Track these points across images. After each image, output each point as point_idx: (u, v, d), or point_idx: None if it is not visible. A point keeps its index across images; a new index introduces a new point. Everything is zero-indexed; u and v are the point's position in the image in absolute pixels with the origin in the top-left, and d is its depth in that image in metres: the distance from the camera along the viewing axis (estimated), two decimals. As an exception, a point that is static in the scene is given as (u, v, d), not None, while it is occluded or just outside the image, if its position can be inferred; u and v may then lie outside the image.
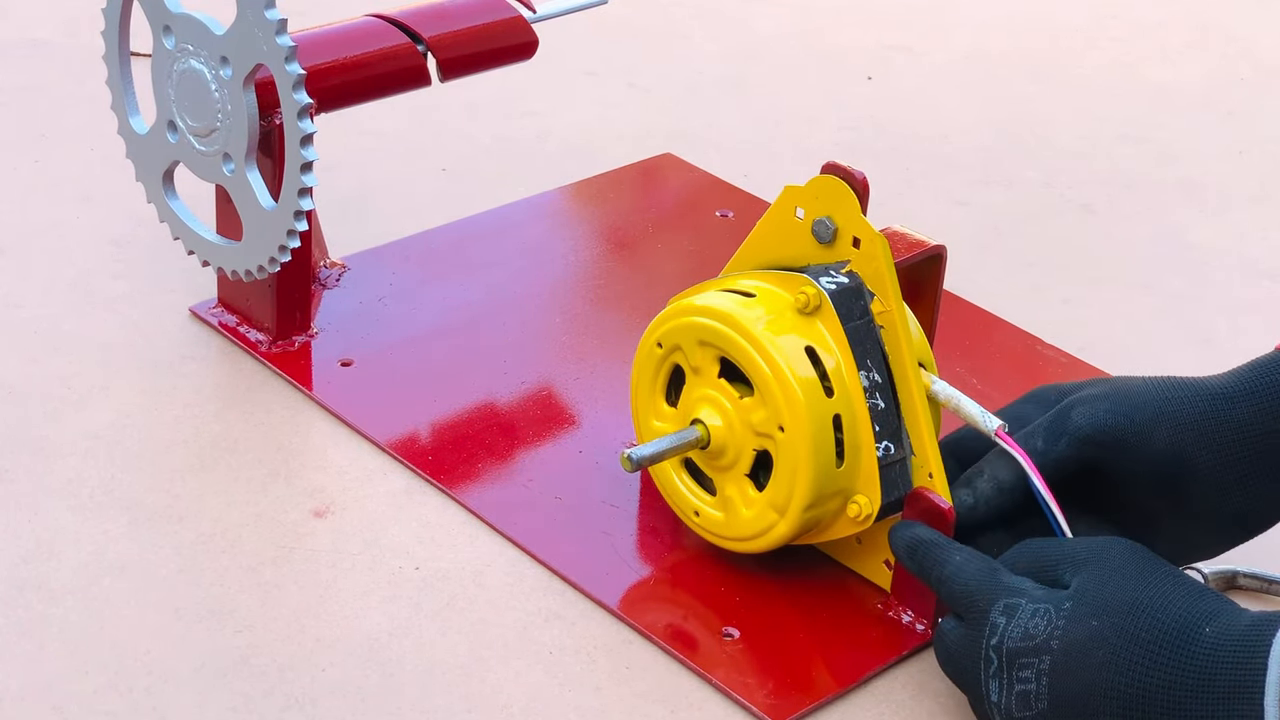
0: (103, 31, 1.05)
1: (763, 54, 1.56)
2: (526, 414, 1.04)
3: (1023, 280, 1.24)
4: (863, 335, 0.89)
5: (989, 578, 0.83)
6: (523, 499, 0.98)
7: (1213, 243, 1.31)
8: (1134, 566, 0.81)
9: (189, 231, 1.06)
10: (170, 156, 1.05)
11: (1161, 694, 0.77)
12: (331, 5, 1.22)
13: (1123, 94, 1.54)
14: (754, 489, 0.91)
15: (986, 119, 1.47)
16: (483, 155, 1.34)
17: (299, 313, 1.09)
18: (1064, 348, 1.15)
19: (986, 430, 0.89)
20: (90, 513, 0.95)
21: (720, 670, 0.88)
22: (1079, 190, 1.37)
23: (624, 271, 1.20)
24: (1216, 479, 0.87)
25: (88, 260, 1.16)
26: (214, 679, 0.85)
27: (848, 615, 0.92)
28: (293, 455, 1.00)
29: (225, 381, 1.06)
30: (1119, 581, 0.80)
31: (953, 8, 1.69)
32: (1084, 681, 0.78)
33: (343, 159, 1.29)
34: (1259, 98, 1.56)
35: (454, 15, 1.12)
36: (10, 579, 0.90)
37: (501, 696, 0.85)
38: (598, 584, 0.92)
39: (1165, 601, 0.79)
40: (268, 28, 0.96)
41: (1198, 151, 1.45)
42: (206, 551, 0.93)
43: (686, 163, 1.34)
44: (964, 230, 1.30)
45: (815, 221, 0.90)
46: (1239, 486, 0.87)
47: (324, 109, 1.04)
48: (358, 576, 0.92)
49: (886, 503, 0.89)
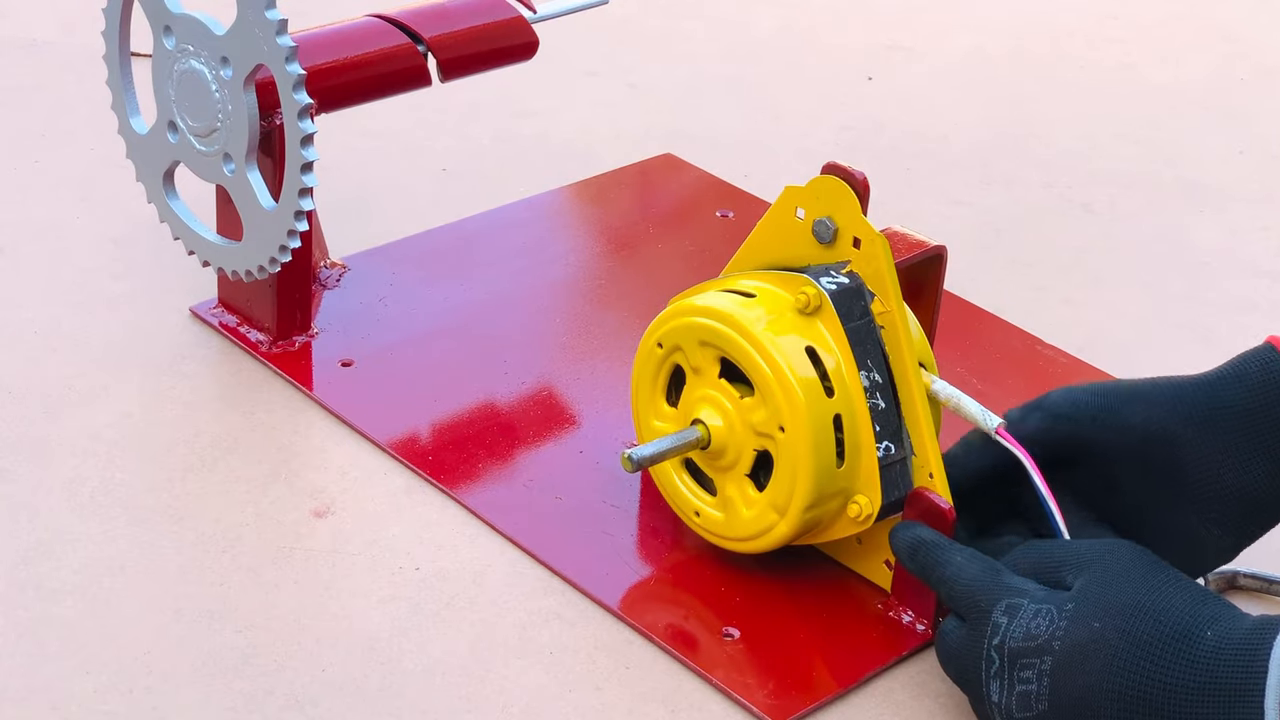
0: (103, 31, 1.05)
1: (763, 54, 1.56)
2: (526, 414, 1.04)
3: (1023, 280, 1.24)
4: (863, 335, 0.89)
5: (991, 578, 0.83)
6: (523, 499, 0.98)
7: (1213, 243, 1.31)
8: (1138, 569, 0.81)
9: (189, 232, 1.06)
10: (170, 157, 1.05)
11: (1162, 696, 0.77)
12: (331, 5, 1.22)
13: (1123, 94, 1.54)
14: (754, 489, 0.91)
15: (986, 119, 1.47)
16: (483, 155, 1.34)
17: (299, 313, 1.09)
18: (1064, 348, 1.15)
19: (987, 429, 0.89)
20: (90, 513, 0.95)
21: (720, 670, 0.88)
22: (1079, 190, 1.37)
23: (624, 271, 1.20)
24: (1204, 455, 0.86)
25: (88, 260, 1.16)
26: (214, 679, 0.85)
27: (848, 615, 0.92)
28: (293, 455, 1.00)
29: (225, 381, 1.06)
30: (1122, 583, 0.80)
31: (953, 8, 1.69)
32: (1085, 682, 0.78)
33: (343, 159, 1.29)
34: (1259, 98, 1.56)
35: (454, 15, 1.12)
36: (10, 579, 0.90)
37: (501, 696, 0.85)
38: (598, 584, 0.92)
39: (1168, 604, 0.79)
40: (268, 28, 0.96)
41: (1198, 151, 1.45)
42: (206, 551, 0.93)
43: (686, 163, 1.34)
44: (964, 230, 1.30)
45: (815, 222, 0.90)
46: (1232, 464, 0.86)
47: (324, 109, 1.04)
48: (358, 576, 0.92)
49: (887, 503, 0.89)
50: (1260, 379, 0.86)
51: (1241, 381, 0.86)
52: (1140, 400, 0.88)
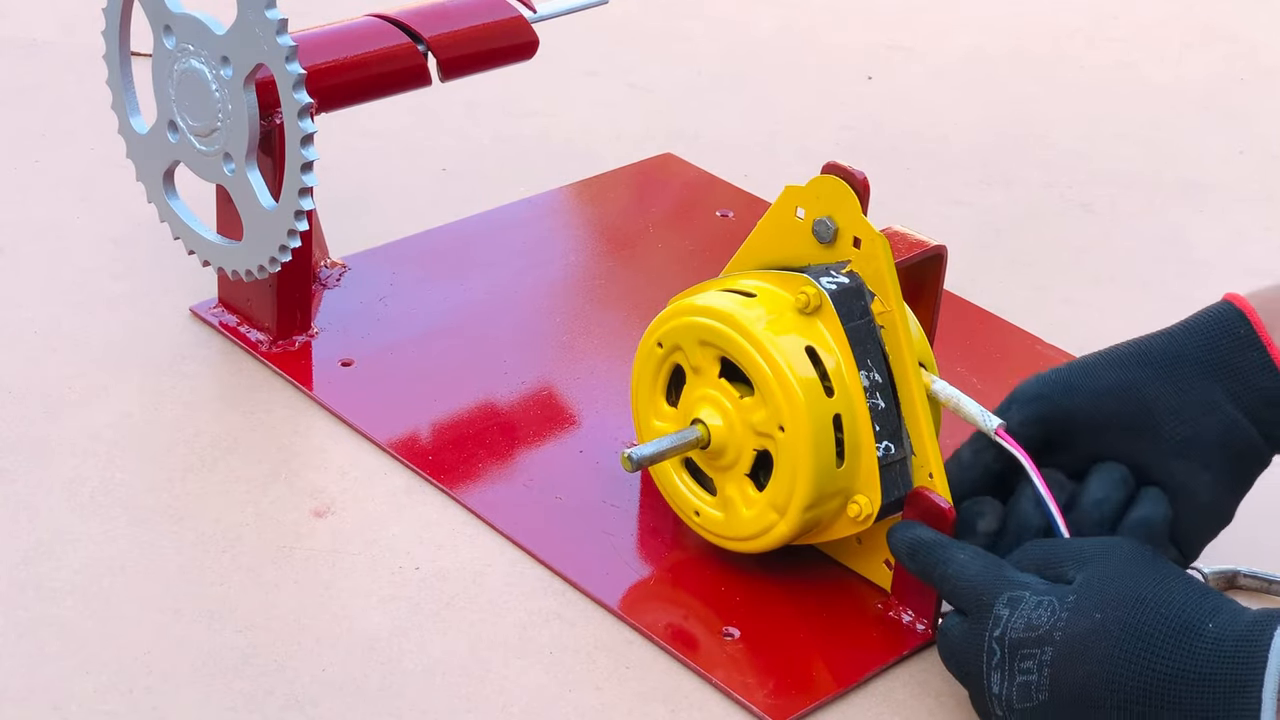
0: (103, 31, 1.05)
1: (763, 54, 1.56)
2: (526, 414, 1.04)
3: (1023, 280, 1.24)
4: (863, 335, 0.89)
5: (994, 572, 0.84)
6: (523, 499, 0.98)
7: (1213, 243, 1.31)
8: (1139, 564, 0.81)
9: (189, 231, 1.06)
10: (171, 156, 1.05)
11: (1162, 687, 0.77)
12: (331, 5, 1.22)
13: (1123, 94, 1.54)
14: (754, 489, 0.91)
15: (986, 119, 1.47)
16: (483, 155, 1.34)
17: (299, 312, 1.09)
18: (1064, 348, 1.15)
19: (986, 429, 0.89)
20: (90, 513, 0.95)
21: (720, 670, 0.88)
22: (1079, 190, 1.37)
23: (624, 271, 1.20)
24: (1174, 404, 0.89)
25: (88, 260, 1.16)
26: (214, 679, 0.85)
27: (848, 615, 0.92)
28: (293, 455, 1.00)
29: (225, 381, 1.06)
30: (1124, 577, 0.80)
31: (953, 8, 1.69)
32: (1085, 673, 0.78)
33: (343, 159, 1.29)
34: (1259, 98, 1.56)
35: (454, 15, 1.12)
36: (10, 579, 0.90)
37: (501, 696, 0.85)
38: (598, 584, 0.92)
39: (1169, 597, 0.79)
40: (268, 27, 0.96)
41: (1198, 151, 1.45)
42: (206, 551, 0.93)
43: (686, 163, 1.34)
44: (964, 230, 1.30)
45: (816, 221, 0.90)
46: (1203, 410, 0.88)
47: (324, 109, 1.04)
48: (358, 576, 0.92)
49: (887, 503, 0.89)
50: (1218, 331, 0.90)
51: (1199, 333, 0.90)
52: (1105, 364, 0.90)
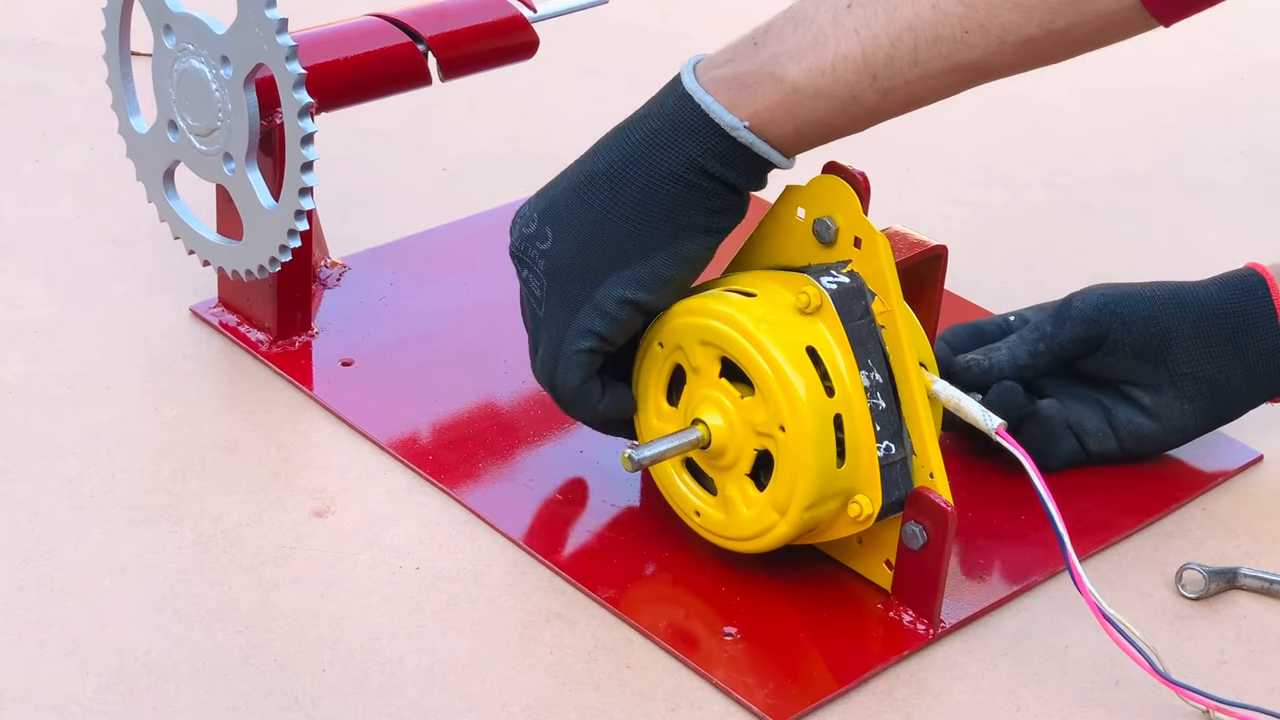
0: (103, 31, 1.05)
1: (763, 54, 1.56)
2: (526, 414, 1.04)
3: (1023, 280, 1.24)
4: (864, 335, 0.89)
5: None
6: (523, 499, 0.98)
7: (1213, 243, 1.31)
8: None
9: (189, 231, 1.06)
10: (171, 156, 1.05)
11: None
12: (331, 5, 1.22)
13: (1123, 94, 1.54)
14: (755, 489, 0.90)
15: (986, 119, 1.47)
16: (483, 155, 1.34)
17: (299, 312, 1.09)
18: (1064, 348, 1.15)
19: (987, 429, 0.89)
20: (90, 513, 0.95)
21: (720, 670, 0.88)
22: (1079, 190, 1.37)
23: (624, 271, 1.20)
24: (1189, 345, 1.01)
25: (88, 260, 1.16)
26: (214, 679, 0.85)
27: (848, 615, 0.92)
28: (293, 455, 1.00)
29: (225, 381, 1.06)
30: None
31: (953, 8, 1.69)
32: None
33: (343, 159, 1.29)
34: (1259, 98, 1.56)
35: (454, 15, 1.12)
36: (10, 579, 0.90)
37: (502, 696, 0.85)
38: (598, 584, 0.92)
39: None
40: (268, 27, 0.96)
41: (1198, 151, 1.45)
42: (206, 551, 0.93)
43: (686, 163, 1.34)
44: (964, 230, 1.30)
45: (816, 221, 0.90)
46: (1209, 355, 1.01)
47: (324, 108, 1.04)
48: (358, 576, 0.92)
49: (887, 503, 0.89)
50: (1242, 291, 1.02)
51: (1228, 291, 1.03)
52: (1144, 300, 1.02)
